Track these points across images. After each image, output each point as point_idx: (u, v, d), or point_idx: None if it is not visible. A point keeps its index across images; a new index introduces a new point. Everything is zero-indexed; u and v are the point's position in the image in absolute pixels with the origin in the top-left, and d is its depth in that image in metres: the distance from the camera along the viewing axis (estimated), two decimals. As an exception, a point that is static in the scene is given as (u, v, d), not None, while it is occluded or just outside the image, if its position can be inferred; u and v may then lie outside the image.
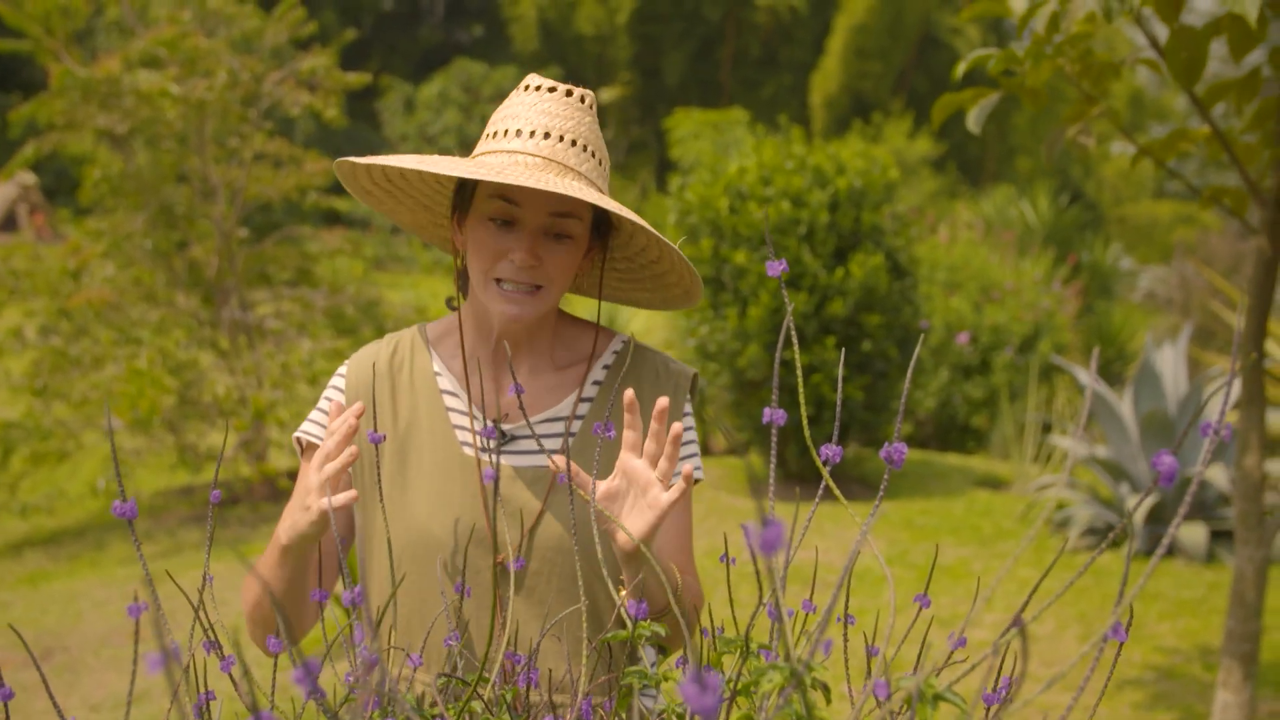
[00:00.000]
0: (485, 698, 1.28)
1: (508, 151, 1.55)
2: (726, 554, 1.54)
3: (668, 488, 1.44)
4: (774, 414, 1.29)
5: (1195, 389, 6.25)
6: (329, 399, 1.73)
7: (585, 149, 1.58)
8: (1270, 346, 6.14)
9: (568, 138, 1.57)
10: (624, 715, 1.29)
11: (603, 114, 31.49)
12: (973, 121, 3.27)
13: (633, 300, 1.84)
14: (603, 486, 1.49)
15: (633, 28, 30.64)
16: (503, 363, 1.70)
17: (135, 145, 8.22)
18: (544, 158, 1.54)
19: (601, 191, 1.59)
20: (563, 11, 31.00)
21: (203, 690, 1.23)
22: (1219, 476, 6.00)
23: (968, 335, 9.57)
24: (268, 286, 8.79)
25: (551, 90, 1.59)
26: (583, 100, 1.60)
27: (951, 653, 1.26)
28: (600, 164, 1.61)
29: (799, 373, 1.14)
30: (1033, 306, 9.99)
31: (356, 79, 8.76)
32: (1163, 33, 3.13)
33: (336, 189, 8.72)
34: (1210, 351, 10.14)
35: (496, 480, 1.32)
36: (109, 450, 7.73)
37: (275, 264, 8.79)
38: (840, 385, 1.08)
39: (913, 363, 1.05)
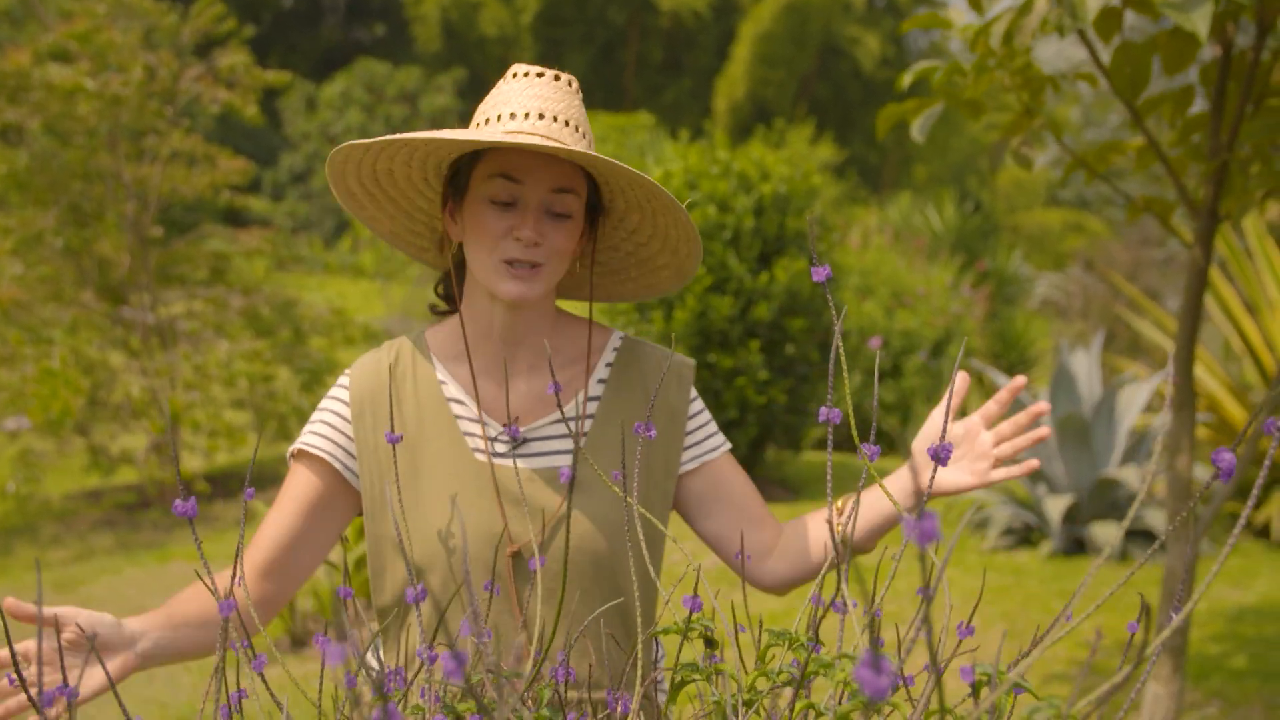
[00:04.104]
0: (520, 693, 1.30)
1: (505, 133, 1.57)
2: (742, 551, 1.58)
3: (996, 465, 1.61)
4: (829, 413, 1.33)
5: (1109, 393, 6.45)
6: (333, 410, 1.73)
7: (577, 129, 1.61)
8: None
9: (560, 118, 1.59)
10: (673, 710, 1.31)
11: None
12: (917, 130, 3.34)
13: (615, 294, 1.85)
14: (962, 426, 1.65)
15: (536, 29, 30.53)
16: (506, 365, 1.72)
17: (30, 139, 7.98)
18: (541, 135, 1.56)
19: None
20: (466, 12, 30.73)
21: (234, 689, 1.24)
22: (1131, 477, 6.20)
23: (879, 340, 9.74)
24: (181, 286, 8.61)
25: (540, 75, 1.62)
26: (570, 84, 1.64)
27: (960, 642, 1.31)
28: (590, 144, 1.64)
29: (851, 377, 1.18)
30: (943, 312, 10.20)
31: (275, 76, 8.62)
32: (1101, 48, 3.24)
33: (251, 187, 8.57)
34: (1113, 354, 10.44)
35: (578, 480, 1.33)
36: (14, 453, 7.49)
37: (188, 263, 8.61)
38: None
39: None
